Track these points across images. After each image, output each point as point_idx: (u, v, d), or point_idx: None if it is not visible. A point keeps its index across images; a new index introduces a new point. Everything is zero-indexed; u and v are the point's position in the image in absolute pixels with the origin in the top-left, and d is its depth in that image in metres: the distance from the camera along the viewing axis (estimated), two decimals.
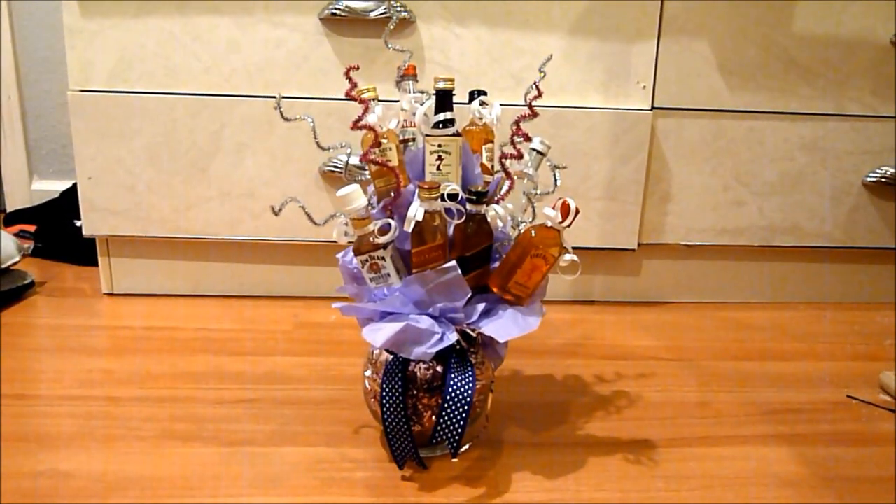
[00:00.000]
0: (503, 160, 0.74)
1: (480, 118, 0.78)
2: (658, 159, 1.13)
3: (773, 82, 1.11)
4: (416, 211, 0.69)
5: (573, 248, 0.73)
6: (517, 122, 0.75)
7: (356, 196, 0.70)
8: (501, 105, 0.77)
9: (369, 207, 0.73)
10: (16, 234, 1.36)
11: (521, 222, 0.76)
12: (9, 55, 1.42)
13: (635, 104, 1.10)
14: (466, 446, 0.79)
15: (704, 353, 1.05)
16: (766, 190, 1.16)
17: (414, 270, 0.71)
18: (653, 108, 1.11)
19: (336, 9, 1.03)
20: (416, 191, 0.70)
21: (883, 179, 1.15)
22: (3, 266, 1.11)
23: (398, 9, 1.03)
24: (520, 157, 0.75)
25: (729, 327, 1.15)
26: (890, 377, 0.94)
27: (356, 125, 0.71)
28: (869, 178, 1.16)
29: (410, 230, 0.70)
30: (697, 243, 1.18)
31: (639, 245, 1.17)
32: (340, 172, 1.08)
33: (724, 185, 1.15)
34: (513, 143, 0.75)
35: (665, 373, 0.98)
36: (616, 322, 1.15)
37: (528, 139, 0.75)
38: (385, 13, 1.03)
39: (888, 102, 1.13)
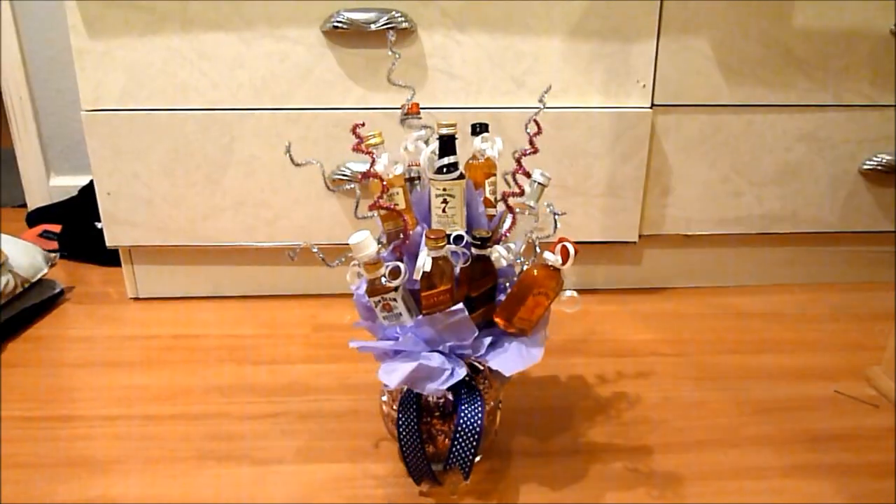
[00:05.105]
0: (505, 198, 0.77)
1: (482, 153, 0.81)
2: (658, 155, 1.16)
3: (772, 76, 1.12)
4: (425, 261, 0.73)
5: (576, 242, 0.75)
6: (518, 160, 0.78)
7: (368, 243, 0.74)
8: (502, 109, 0.79)
9: (381, 249, 0.77)
10: (40, 235, 1.40)
11: (524, 263, 0.80)
12: (16, 55, 1.43)
13: (635, 103, 1.12)
14: (478, 458, 0.85)
15: (703, 347, 1.10)
16: (765, 180, 1.19)
17: (424, 312, 0.76)
18: (653, 105, 1.12)
19: (338, 22, 1.04)
20: (423, 240, 0.74)
21: (879, 167, 1.17)
22: (33, 280, 1.16)
23: (399, 18, 1.04)
24: (521, 193, 0.78)
25: (727, 316, 1.19)
26: (876, 371, 0.99)
27: (365, 176, 0.74)
28: (865, 166, 1.18)
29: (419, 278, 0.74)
30: (697, 233, 1.22)
31: (639, 237, 1.20)
32: (347, 179, 1.11)
33: (723, 178, 1.18)
34: (515, 180, 0.78)
35: (665, 371, 1.04)
36: (617, 312, 1.20)
37: (528, 175, 0.79)
38: (386, 24, 1.04)
39: (886, 92, 1.14)
